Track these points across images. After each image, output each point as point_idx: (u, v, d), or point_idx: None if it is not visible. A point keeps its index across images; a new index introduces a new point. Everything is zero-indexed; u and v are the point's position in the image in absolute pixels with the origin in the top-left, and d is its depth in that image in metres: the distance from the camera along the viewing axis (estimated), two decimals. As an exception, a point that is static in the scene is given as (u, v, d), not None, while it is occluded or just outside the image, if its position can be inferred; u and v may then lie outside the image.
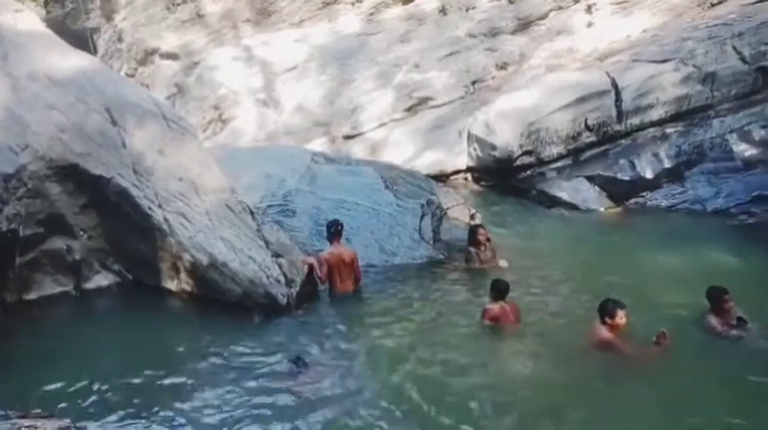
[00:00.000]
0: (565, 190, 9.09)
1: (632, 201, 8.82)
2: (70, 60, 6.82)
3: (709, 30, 9.53)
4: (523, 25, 11.79)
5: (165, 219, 6.04)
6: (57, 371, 4.81)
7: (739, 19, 9.48)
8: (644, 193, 8.82)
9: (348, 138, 11.43)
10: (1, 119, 5.99)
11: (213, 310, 5.72)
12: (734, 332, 5.00)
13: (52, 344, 5.26)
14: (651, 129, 9.21)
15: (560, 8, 11.64)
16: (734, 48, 9.18)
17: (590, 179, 9.08)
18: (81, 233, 6.22)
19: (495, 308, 5.35)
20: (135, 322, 5.68)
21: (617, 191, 8.93)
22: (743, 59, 9.12)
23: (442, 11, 12.67)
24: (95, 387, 4.61)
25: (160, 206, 6.09)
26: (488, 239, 6.88)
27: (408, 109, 11.41)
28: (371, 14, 13.32)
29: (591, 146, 9.30)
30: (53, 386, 4.59)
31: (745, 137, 8.77)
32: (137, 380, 4.70)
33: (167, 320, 5.80)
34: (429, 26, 12.60)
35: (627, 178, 8.94)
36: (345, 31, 13.13)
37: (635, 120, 9.21)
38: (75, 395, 4.51)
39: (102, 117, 6.34)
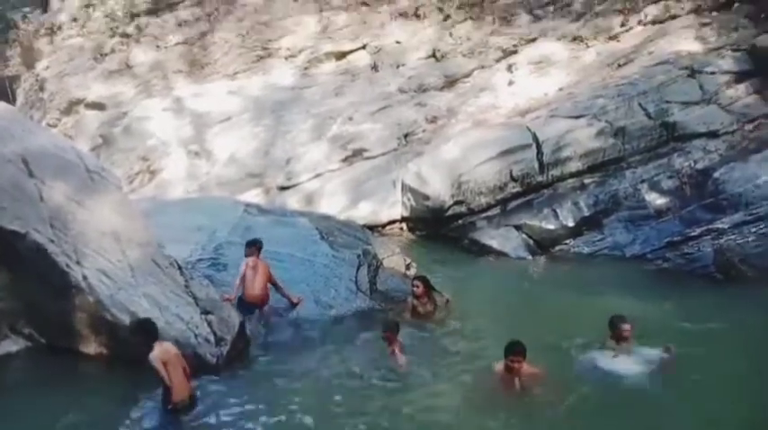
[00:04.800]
0: (495, 238, 9.42)
1: (557, 248, 9.25)
2: (-16, 110, 6.47)
3: (617, 88, 10.44)
4: (450, 82, 12.45)
5: (84, 277, 5.69)
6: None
7: (643, 79, 10.47)
8: (567, 241, 9.27)
9: (283, 189, 11.39)
10: None
11: (134, 374, 5.32)
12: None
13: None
14: (571, 180, 9.79)
15: (483, 67, 12.43)
16: (640, 104, 10.07)
17: (517, 228, 9.46)
18: (-12, 294, 5.74)
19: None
20: (47, 393, 5.22)
21: (543, 238, 9.35)
22: (648, 115, 10.00)
23: (374, 67, 13.18)
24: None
25: (78, 262, 5.74)
26: (428, 290, 6.86)
27: (343, 160, 11.59)
28: (306, 68, 13.62)
29: (517, 196, 9.75)
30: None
31: (655, 186, 9.48)
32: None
33: (83, 389, 5.37)
34: (361, 81, 13.03)
35: (551, 226, 9.38)
36: (280, 84, 13.32)
37: (555, 172, 9.79)
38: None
39: (18, 168, 5.98)
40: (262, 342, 6.28)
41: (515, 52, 12.39)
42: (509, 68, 12.25)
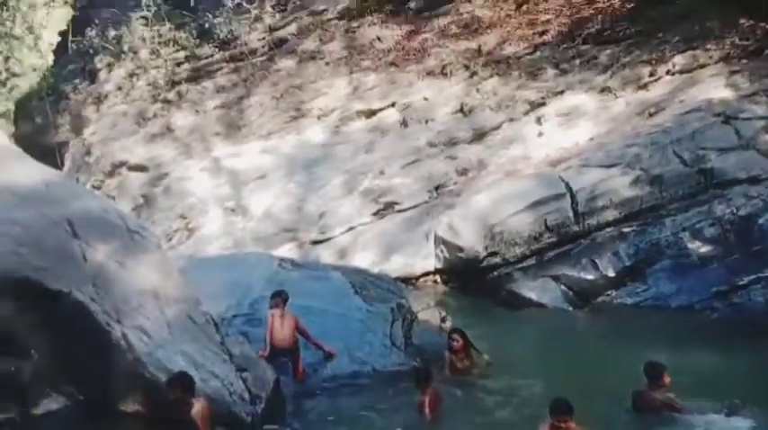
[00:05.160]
0: (532, 290, 9.18)
1: (599, 299, 8.94)
2: (34, 175, 6.80)
3: (650, 136, 10.35)
4: (479, 135, 12.57)
5: (124, 335, 5.74)
6: None
7: (675, 127, 10.37)
8: (609, 292, 8.97)
9: (316, 243, 11.48)
10: (-42, 233, 5.81)
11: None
12: None
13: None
14: (608, 229, 9.55)
15: (511, 120, 12.54)
16: (674, 152, 9.92)
17: (555, 279, 9.23)
18: (32, 353, 5.83)
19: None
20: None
21: (583, 289, 9.07)
22: (684, 162, 9.81)
23: (403, 123, 13.47)
24: None
25: (119, 321, 5.81)
26: (466, 344, 6.70)
27: (375, 213, 11.68)
28: (337, 127, 14.02)
29: (553, 246, 9.55)
30: None
31: (697, 234, 9.14)
32: None
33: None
34: (391, 137, 13.30)
35: (591, 277, 9.11)
36: (312, 142, 13.69)
37: (592, 221, 9.60)
38: None
39: (64, 230, 6.21)
40: (296, 399, 6.16)
41: (543, 104, 12.50)
42: (538, 120, 12.34)
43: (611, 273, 9.07)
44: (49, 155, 14.69)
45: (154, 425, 5.38)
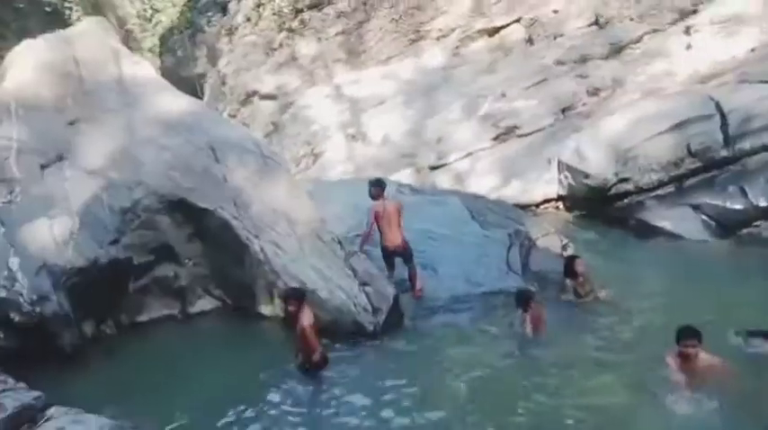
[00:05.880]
0: (667, 219, 8.49)
1: (744, 231, 8.05)
2: (180, 105, 7.55)
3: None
4: (615, 50, 11.40)
5: (261, 249, 6.39)
6: (163, 388, 5.15)
7: None
8: (757, 223, 8.03)
9: (434, 168, 11.52)
10: (119, 158, 6.73)
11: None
12: None
13: (161, 362, 5.68)
14: (764, 154, 8.43)
15: (655, 31, 11.15)
16: None
17: (695, 208, 8.43)
18: (187, 261, 6.73)
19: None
20: (235, 345, 5.98)
21: (726, 220, 8.21)
22: None
23: (529, 40, 12.59)
24: (200, 407, 4.87)
25: (257, 236, 6.46)
26: (586, 271, 6.52)
27: (495, 138, 11.33)
28: (456, 48, 13.51)
29: (695, 172, 8.67)
30: (160, 402, 4.92)
31: None
32: (236, 401, 4.90)
33: (263, 344, 6.04)
34: (515, 56, 12.55)
35: (738, 206, 8.19)
36: (430, 65, 13.40)
37: (744, 145, 8.49)
38: (179, 411, 4.79)
39: (207, 155, 6.91)
40: (414, 315, 6.47)
41: (695, 12, 10.91)
42: (686, 31, 10.84)
43: (763, 203, 8.08)
44: (191, 86, 16.02)
45: (287, 327, 5.99)
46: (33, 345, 5.47)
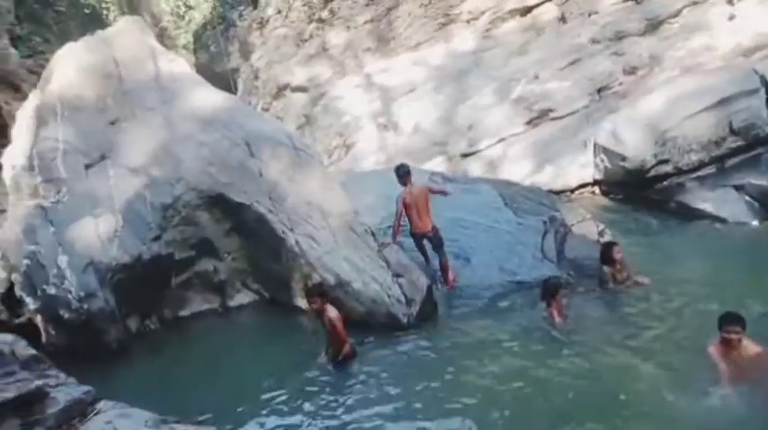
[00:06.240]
0: (708, 201, 8.20)
1: (793, 212, 7.70)
2: (215, 100, 7.69)
3: None
4: (653, 26, 10.97)
5: (297, 242, 6.50)
6: (205, 382, 5.34)
7: None
8: (807, 204, 7.66)
9: (465, 156, 11.41)
10: (159, 156, 6.92)
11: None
12: None
13: (202, 356, 5.88)
14: (813, 130, 8.00)
15: (695, 3, 10.66)
16: None
17: (738, 188, 8.10)
18: (225, 256, 6.92)
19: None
20: (273, 338, 6.14)
21: (772, 201, 7.86)
22: None
23: (562, 19, 12.25)
24: (240, 399, 5.03)
25: (291, 229, 6.57)
26: (623, 257, 6.35)
27: (528, 122, 11.11)
28: (487, 30, 13.25)
29: (738, 151, 8.32)
30: (202, 395, 5.11)
31: None
32: (276, 393, 5.05)
33: (299, 337, 6.18)
34: (548, 36, 12.23)
35: (785, 186, 7.84)
36: (461, 50, 13.20)
37: (793, 120, 8.08)
38: (220, 405, 4.96)
39: (243, 150, 7.04)
40: (448, 305, 6.48)
41: (738, -20, 10.36)
42: (729, 1, 10.31)
43: (811, 182, 7.68)
44: (224, 81, 16.30)
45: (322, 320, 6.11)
46: (81, 341, 5.74)
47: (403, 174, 6.85)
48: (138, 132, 7.08)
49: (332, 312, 5.23)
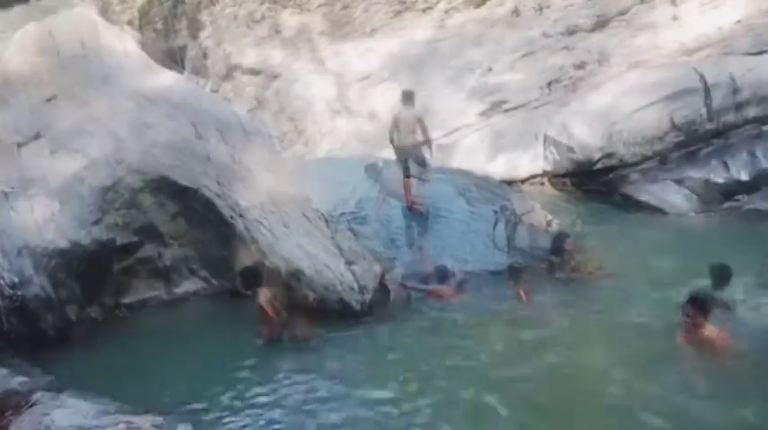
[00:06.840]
0: (651, 193, 8.58)
1: (726, 205, 8.19)
2: (161, 79, 7.35)
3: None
4: (602, 22, 11.29)
5: (246, 228, 6.33)
6: (150, 370, 5.15)
7: None
8: (739, 197, 8.16)
9: (420, 144, 11.41)
10: (100, 136, 6.56)
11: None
12: None
13: (146, 344, 5.65)
14: (748, 127, 8.50)
15: (642, 2, 11.05)
16: None
17: (678, 182, 8.52)
18: (171, 241, 6.64)
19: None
20: (218, 325, 5.98)
21: (709, 194, 8.32)
22: None
23: (515, 12, 12.41)
24: (186, 387, 4.90)
25: (241, 215, 6.39)
26: (573, 247, 6.59)
27: (481, 113, 11.24)
28: (442, 20, 13.27)
29: (679, 146, 8.73)
30: (146, 385, 4.92)
31: None
32: (226, 383, 4.94)
33: (247, 324, 6.01)
34: (501, 28, 12.37)
35: (720, 180, 8.32)
36: (416, 38, 13.17)
37: (728, 118, 8.56)
38: (166, 393, 4.80)
39: (190, 132, 6.77)
40: (400, 292, 6.49)
41: (682, -18, 10.81)
42: (673, 1, 10.76)
43: (745, 177, 8.23)
44: (171, 59, 15.60)
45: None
46: (17, 329, 5.41)
47: (405, 97, 7.80)
48: (77, 110, 6.69)
49: (261, 296, 5.16)
